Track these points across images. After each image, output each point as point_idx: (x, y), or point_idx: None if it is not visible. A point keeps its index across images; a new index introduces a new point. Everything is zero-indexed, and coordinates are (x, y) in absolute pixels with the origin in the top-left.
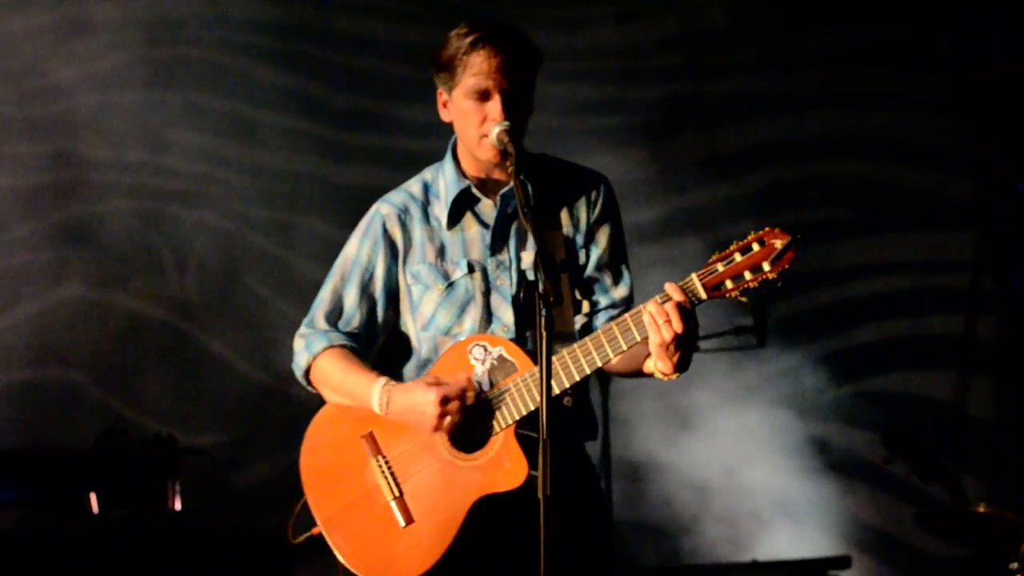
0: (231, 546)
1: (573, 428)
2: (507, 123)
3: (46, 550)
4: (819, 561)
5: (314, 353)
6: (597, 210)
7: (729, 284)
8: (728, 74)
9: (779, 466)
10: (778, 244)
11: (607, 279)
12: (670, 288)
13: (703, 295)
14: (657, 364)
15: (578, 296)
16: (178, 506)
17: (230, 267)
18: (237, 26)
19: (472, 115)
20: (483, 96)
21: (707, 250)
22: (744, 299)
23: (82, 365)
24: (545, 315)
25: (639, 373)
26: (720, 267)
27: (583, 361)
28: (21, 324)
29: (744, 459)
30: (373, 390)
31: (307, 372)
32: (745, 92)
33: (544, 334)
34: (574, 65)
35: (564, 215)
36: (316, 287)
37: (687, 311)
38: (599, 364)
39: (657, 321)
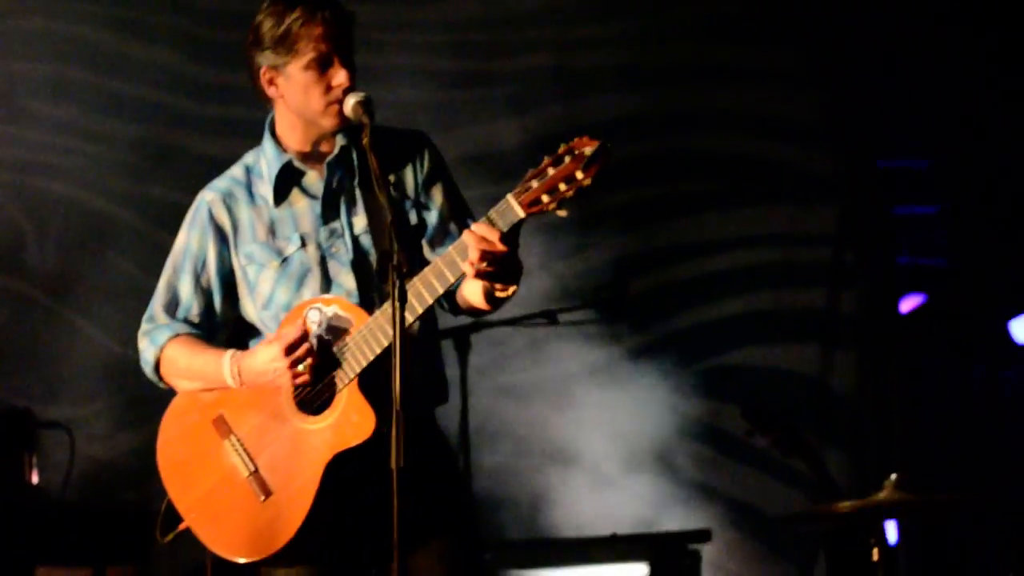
0: (89, 519)
1: (423, 392)
2: (363, 94)
3: None
4: (679, 535)
5: (160, 344)
6: (425, 169)
7: (545, 198)
8: (594, 47)
9: (640, 440)
10: (588, 151)
11: (455, 230)
12: (480, 222)
13: (521, 213)
14: (490, 285)
15: (428, 255)
16: (35, 479)
17: (90, 239)
18: None
19: (315, 85)
20: (326, 64)
21: (571, 222)
22: (563, 212)
23: None
24: (399, 286)
25: (475, 311)
26: (535, 183)
27: (424, 292)
28: None
29: (606, 433)
30: (223, 363)
31: (156, 366)
32: (610, 65)
33: (398, 305)
34: (440, 37)
35: (391, 180)
36: None
37: (505, 234)
38: (440, 291)
39: (474, 244)
